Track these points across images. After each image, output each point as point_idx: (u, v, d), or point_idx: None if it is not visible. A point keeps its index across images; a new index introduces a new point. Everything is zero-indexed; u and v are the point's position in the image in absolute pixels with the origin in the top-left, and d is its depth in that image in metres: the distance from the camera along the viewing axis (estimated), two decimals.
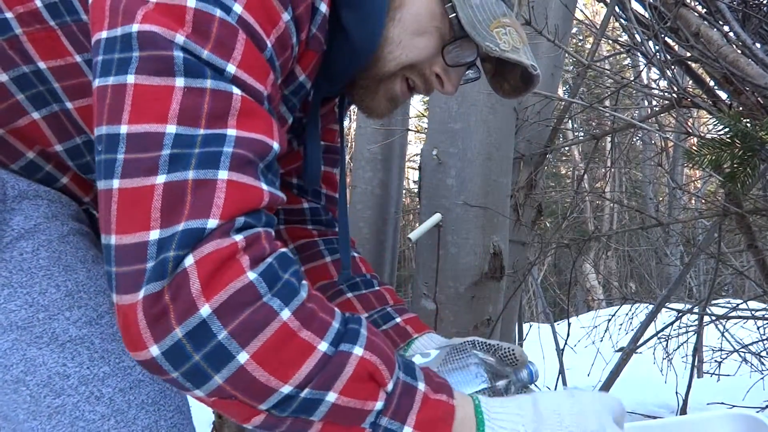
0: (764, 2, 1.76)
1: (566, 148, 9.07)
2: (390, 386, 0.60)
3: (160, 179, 0.56)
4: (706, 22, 1.58)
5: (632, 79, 2.32)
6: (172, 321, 0.54)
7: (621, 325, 3.14)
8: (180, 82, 0.58)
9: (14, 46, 0.69)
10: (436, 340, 0.93)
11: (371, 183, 2.26)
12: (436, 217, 1.78)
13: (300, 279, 0.60)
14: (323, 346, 0.58)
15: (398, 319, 0.94)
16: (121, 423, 0.69)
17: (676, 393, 2.37)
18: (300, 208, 1.02)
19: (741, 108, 1.64)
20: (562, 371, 2.59)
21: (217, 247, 0.55)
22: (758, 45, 1.59)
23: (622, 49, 2.46)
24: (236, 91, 0.60)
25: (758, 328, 2.61)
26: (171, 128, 0.57)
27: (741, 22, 1.64)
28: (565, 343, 2.58)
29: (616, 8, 1.86)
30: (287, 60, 0.68)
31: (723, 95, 1.84)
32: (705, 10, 1.71)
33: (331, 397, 0.58)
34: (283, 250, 0.61)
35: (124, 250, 0.56)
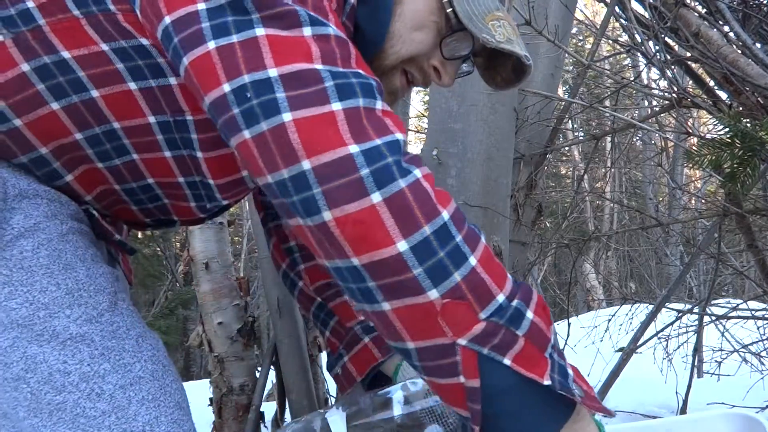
0: (764, 2, 1.76)
1: (566, 148, 9.06)
2: (553, 327, 0.65)
3: (336, 106, 0.61)
4: (706, 22, 1.58)
5: (632, 79, 2.32)
6: (420, 219, 0.60)
7: (621, 325, 3.14)
8: (308, 31, 0.63)
9: (37, 36, 0.70)
10: None
11: None
12: None
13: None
14: (510, 277, 0.64)
15: None
16: (122, 419, 0.69)
17: (676, 393, 2.37)
18: None
19: (741, 108, 1.64)
20: None
21: (428, 171, 0.63)
22: (758, 45, 1.60)
23: (622, 49, 2.46)
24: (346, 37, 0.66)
25: (758, 328, 2.61)
26: (319, 66, 0.62)
27: (741, 22, 1.64)
28: (565, 343, 2.58)
29: (616, 8, 1.86)
30: None
31: (723, 95, 1.85)
32: (705, 10, 1.72)
33: (530, 314, 0.63)
34: None
35: (328, 166, 0.59)
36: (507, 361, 0.61)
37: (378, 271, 0.60)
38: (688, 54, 1.75)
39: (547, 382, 0.62)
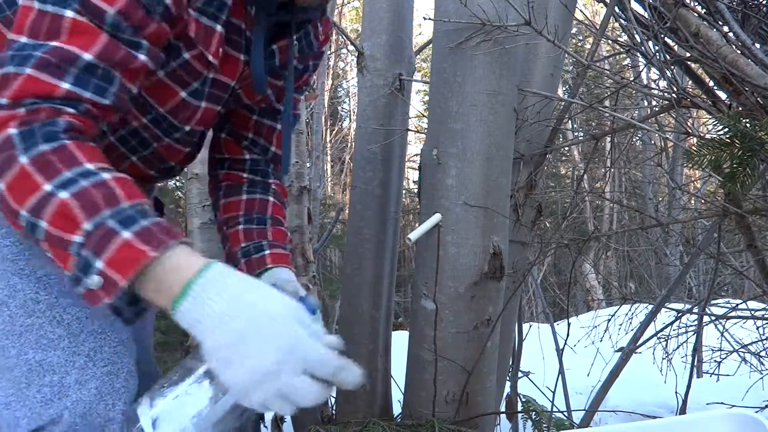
0: (763, 2, 1.76)
1: (566, 148, 9.07)
2: (89, 227, 0.73)
3: (2, 70, 0.79)
4: (705, 23, 1.58)
5: (632, 79, 2.32)
6: None
7: (621, 325, 3.14)
8: (36, 4, 0.80)
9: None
10: (278, 279, 1.09)
11: (371, 183, 2.26)
12: (436, 218, 1.78)
13: (50, 138, 0.77)
14: (48, 187, 0.74)
15: (266, 252, 1.13)
16: (73, 344, 0.87)
17: (676, 393, 2.37)
18: (242, 158, 1.22)
19: (740, 108, 1.64)
20: (561, 371, 2.59)
21: (2, 114, 0.77)
22: (757, 45, 1.60)
23: (622, 49, 2.46)
24: (69, 14, 0.80)
25: (758, 328, 2.61)
26: (23, 38, 0.79)
27: (740, 23, 1.64)
28: (565, 343, 2.58)
29: (616, 8, 1.86)
30: None
31: (722, 95, 1.85)
32: (704, 10, 1.72)
33: (43, 224, 0.74)
34: (58, 119, 0.78)
35: None
36: (48, 254, 0.76)
37: None
38: (688, 54, 1.75)
39: (68, 272, 0.74)
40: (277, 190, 1.23)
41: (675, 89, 1.71)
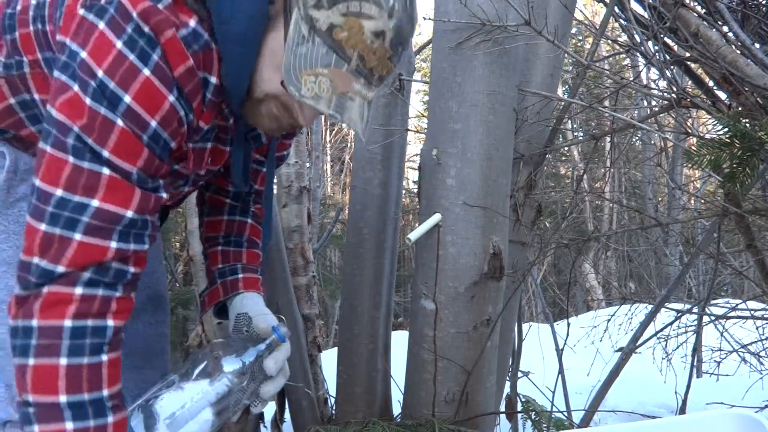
0: (763, 2, 1.76)
1: (566, 148, 9.07)
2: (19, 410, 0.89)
3: (43, 227, 0.86)
4: (705, 23, 1.58)
5: (632, 79, 2.32)
6: (19, 313, 0.87)
7: (620, 325, 3.14)
8: (71, 159, 0.86)
9: (23, 80, 1.00)
10: (248, 305, 1.17)
11: (371, 183, 2.26)
12: (436, 218, 1.78)
13: (94, 350, 0.88)
14: (63, 399, 0.85)
15: (240, 276, 1.22)
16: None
17: (676, 393, 2.37)
18: (227, 189, 1.30)
19: (740, 108, 1.64)
20: (561, 371, 2.59)
21: (59, 290, 0.86)
22: (757, 45, 1.60)
23: (621, 50, 2.46)
24: (105, 171, 0.87)
25: (757, 328, 2.61)
26: (59, 191, 0.86)
27: (740, 23, 1.65)
28: (565, 343, 2.58)
29: (616, 8, 1.86)
30: (177, 128, 0.92)
31: (722, 95, 1.85)
32: (704, 10, 1.72)
33: (36, 428, 0.86)
34: (107, 321, 0.89)
35: (21, 263, 0.88)
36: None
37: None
38: (688, 54, 1.75)
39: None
40: (256, 212, 1.32)
41: (675, 89, 1.71)
